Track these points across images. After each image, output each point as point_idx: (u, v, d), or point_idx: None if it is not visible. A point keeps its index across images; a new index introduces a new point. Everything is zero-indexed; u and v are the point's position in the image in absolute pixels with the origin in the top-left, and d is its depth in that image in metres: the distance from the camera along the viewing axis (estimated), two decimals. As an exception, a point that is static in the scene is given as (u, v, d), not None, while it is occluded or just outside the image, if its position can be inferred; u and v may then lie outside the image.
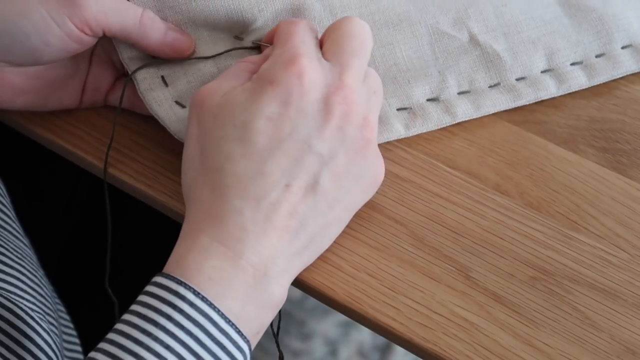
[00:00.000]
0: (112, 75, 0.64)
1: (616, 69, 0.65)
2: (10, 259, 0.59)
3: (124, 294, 0.61)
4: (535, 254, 0.58)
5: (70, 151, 0.64)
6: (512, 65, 0.64)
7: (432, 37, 0.64)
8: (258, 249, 0.53)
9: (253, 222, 0.53)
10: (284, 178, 0.53)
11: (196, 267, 0.52)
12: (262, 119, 0.53)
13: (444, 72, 0.64)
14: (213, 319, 0.51)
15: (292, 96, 0.54)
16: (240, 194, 0.53)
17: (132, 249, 0.83)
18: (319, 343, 1.30)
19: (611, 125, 0.64)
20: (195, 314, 0.50)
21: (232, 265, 0.52)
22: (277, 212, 0.53)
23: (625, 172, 0.62)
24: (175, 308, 0.50)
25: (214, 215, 0.53)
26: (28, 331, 0.55)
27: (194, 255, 0.52)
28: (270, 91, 0.54)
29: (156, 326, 0.50)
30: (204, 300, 0.51)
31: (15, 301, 0.56)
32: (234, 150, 0.53)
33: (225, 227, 0.53)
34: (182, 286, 0.51)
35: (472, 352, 0.54)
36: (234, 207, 0.53)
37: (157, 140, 0.63)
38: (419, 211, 0.60)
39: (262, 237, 0.53)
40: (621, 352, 0.54)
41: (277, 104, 0.54)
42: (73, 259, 0.82)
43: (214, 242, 0.52)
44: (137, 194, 0.62)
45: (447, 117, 0.63)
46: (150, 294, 0.51)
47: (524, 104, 0.64)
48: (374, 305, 0.56)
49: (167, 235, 0.82)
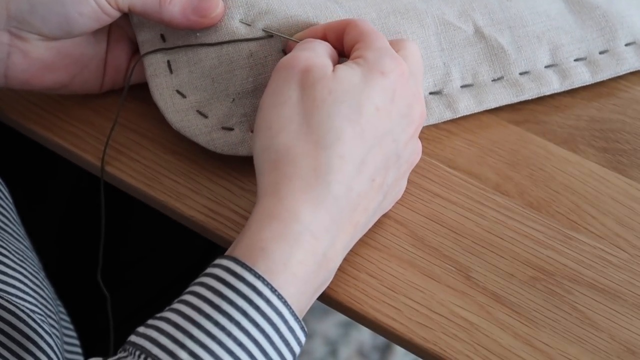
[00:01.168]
0: (130, 51, 0.64)
1: (619, 66, 0.65)
2: (12, 261, 0.59)
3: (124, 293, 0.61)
4: (535, 254, 0.58)
5: (69, 150, 0.64)
6: (517, 59, 0.64)
7: (438, 27, 0.64)
8: (335, 244, 0.53)
9: (341, 213, 0.52)
10: (374, 173, 0.54)
11: (282, 260, 0.50)
12: (372, 107, 0.54)
13: (448, 64, 0.64)
14: (285, 317, 0.49)
15: (397, 93, 0.55)
16: (341, 179, 0.52)
17: (134, 249, 0.83)
18: (319, 343, 1.30)
19: (611, 125, 0.64)
20: (270, 312, 0.49)
21: (315, 261, 0.51)
22: (359, 206, 0.53)
23: (625, 172, 0.62)
24: (252, 304, 0.48)
25: (313, 196, 0.52)
26: (30, 333, 0.55)
27: (283, 245, 0.50)
28: (381, 81, 0.54)
29: (231, 321, 0.48)
30: (280, 298, 0.49)
31: (17, 303, 0.56)
32: (345, 129, 0.53)
33: (320, 213, 0.52)
34: (260, 280, 0.49)
35: (472, 352, 0.54)
36: (333, 192, 0.52)
37: (157, 140, 0.63)
38: (419, 211, 0.60)
39: (342, 231, 0.53)
40: (621, 352, 0.54)
41: (385, 97, 0.54)
42: (74, 261, 0.82)
43: (306, 232, 0.51)
44: (137, 193, 0.62)
45: (448, 112, 0.63)
46: (222, 280, 0.49)
47: (526, 99, 0.64)
48: (374, 305, 0.56)
49: (167, 235, 0.82)
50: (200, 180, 0.62)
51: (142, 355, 0.48)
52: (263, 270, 0.49)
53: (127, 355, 0.48)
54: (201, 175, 0.62)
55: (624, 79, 0.66)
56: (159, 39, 0.62)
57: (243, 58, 0.61)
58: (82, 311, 0.76)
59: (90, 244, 0.77)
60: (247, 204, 0.61)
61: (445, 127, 0.64)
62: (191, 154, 0.63)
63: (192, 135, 0.61)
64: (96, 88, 0.64)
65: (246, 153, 0.61)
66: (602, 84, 0.66)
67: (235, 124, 0.61)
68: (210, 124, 0.61)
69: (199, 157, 0.63)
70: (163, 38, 0.62)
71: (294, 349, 0.50)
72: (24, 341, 0.55)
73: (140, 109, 0.64)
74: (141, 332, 0.49)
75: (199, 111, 0.61)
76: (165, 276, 0.81)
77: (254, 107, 0.61)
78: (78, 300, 0.77)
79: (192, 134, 0.61)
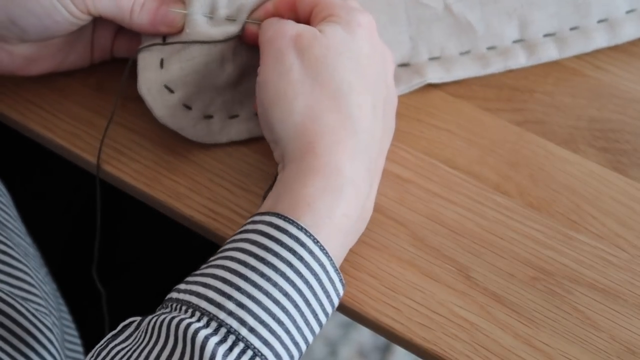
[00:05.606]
0: (114, 29, 0.65)
1: (587, 45, 0.66)
2: (14, 257, 0.59)
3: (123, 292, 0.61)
4: (535, 254, 0.58)
5: (68, 150, 0.64)
6: (484, 35, 0.65)
7: (407, 4, 0.65)
8: (370, 193, 0.55)
9: (370, 161, 0.55)
10: (382, 115, 0.56)
11: (328, 214, 0.52)
12: (364, 56, 0.56)
13: (415, 39, 0.65)
14: (327, 268, 0.51)
15: (374, 40, 0.58)
16: (365, 126, 0.55)
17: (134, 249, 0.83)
18: (319, 343, 1.30)
19: (611, 125, 0.64)
20: (314, 263, 0.50)
21: (356, 213, 0.53)
22: (382, 151, 0.57)
23: (626, 172, 0.62)
24: (296, 255, 0.50)
25: (349, 148, 0.54)
26: (31, 328, 0.55)
27: (328, 199, 0.52)
28: (361, 32, 0.57)
29: (276, 272, 0.49)
30: (322, 250, 0.51)
31: (18, 299, 0.56)
32: (354, 80, 0.55)
33: (356, 163, 0.53)
34: (303, 232, 0.50)
35: (472, 352, 0.54)
36: (362, 141, 0.54)
37: (157, 140, 0.63)
38: (419, 211, 0.60)
39: (374, 180, 0.56)
40: (621, 352, 0.54)
41: (369, 44, 0.57)
42: (74, 258, 0.82)
43: (349, 184, 0.53)
44: (136, 193, 0.62)
45: (416, 77, 0.65)
46: (266, 235, 0.51)
47: (493, 72, 0.65)
48: (374, 305, 0.56)
49: (167, 235, 0.82)
50: (200, 180, 0.62)
51: (189, 310, 0.49)
52: (309, 224, 0.51)
53: (169, 310, 0.50)
54: (201, 175, 0.62)
55: (624, 79, 0.66)
56: (160, 39, 0.62)
57: (234, 54, 0.61)
58: (84, 309, 0.76)
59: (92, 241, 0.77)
60: (247, 204, 0.61)
61: (445, 127, 0.64)
62: (191, 154, 0.63)
63: (180, 129, 0.62)
64: (87, 64, 0.66)
65: (226, 139, 0.62)
66: (602, 83, 0.66)
67: (214, 112, 0.62)
68: (195, 115, 0.61)
69: (199, 157, 0.63)
70: (164, 39, 0.62)
71: (334, 300, 0.52)
72: (25, 336, 0.55)
73: (140, 109, 0.64)
74: (183, 288, 0.50)
75: (184, 104, 0.61)
76: (165, 275, 0.81)
77: (234, 95, 0.62)
78: (79, 298, 0.77)
79: (179, 127, 0.62)
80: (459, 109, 0.65)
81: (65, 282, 0.76)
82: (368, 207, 0.56)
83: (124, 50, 0.66)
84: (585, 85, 0.66)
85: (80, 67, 0.66)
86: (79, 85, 0.67)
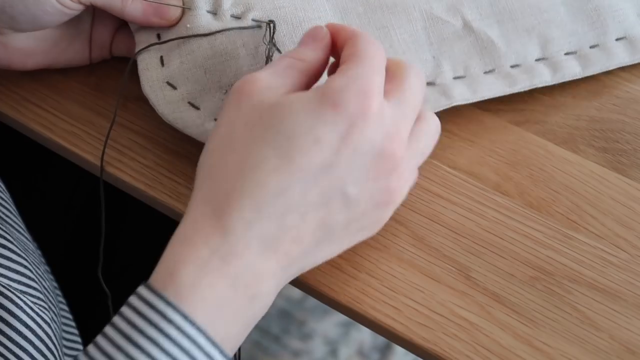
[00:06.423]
0: (114, 26, 0.65)
1: (610, 61, 0.65)
2: (14, 252, 0.59)
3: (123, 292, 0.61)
4: (535, 254, 0.58)
5: (69, 150, 0.64)
6: (507, 52, 0.64)
7: (426, 22, 0.64)
8: (255, 270, 0.50)
9: (258, 241, 0.50)
10: (304, 208, 0.50)
11: (191, 283, 0.48)
12: (311, 140, 0.50)
13: (438, 57, 0.64)
14: (199, 344, 0.48)
15: (352, 134, 0.50)
16: (256, 207, 0.50)
17: (134, 249, 0.83)
18: (319, 343, 1.30)
19: (611, 125, 0.64)
20: (183, 339, 0.48)
21: (228, 284, 0.49)
22: (285, 237, 0.50)
23: (625, 172, 0.62)
24: (162, 332, 0.48)
25: (222, 221, 0.50)
26: (29, 322, 0.56)
27: (190, 268, 0.49)
28: (330, 116, 0.50)
29: (142, 352, 0.47)
30: (193, 325, 0.48)
31: (17, 293, 0.56)
32: (269, 158, 0.50)
33: (229, 237, 0.49)
34: (170, 307, 0.48)
35: (472, 352, 0.54)
36: (244, 218, 0.50)
37: (157, 140, 0.63)
38: (419, 211, 0.60)
39: (262, 258, 0.50)
40: (621, 352, 0.54)
41: (333, 133, 0.50)
42: (75, 256, 0.82)
43: (214, 256, 0.49)
44: (137, 194, 0.62)
45: (443, 100, 0.63)
46: (135, 309, 0.49)
47: (519, 90, 0.64)
48: (374, 305, 0.56)
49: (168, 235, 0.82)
50: (200, 180, 0.62)
51: None
52: (172, 295, 0.48)
53: None
54: (201, 175, 0.62)
55: (623, 79, 0.66)
56: (154, 38, 0.62)
57: (236, 49, 0.61)
58: (83, 307, 0.76)
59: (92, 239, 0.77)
60: (247, 204, 0.60)
61: (445, 127, 0.64)
62: (191, 154, 0.63)
63: (184, 127, 0.61)
64: (84, 63, 0.66)
65: None
66: (602, 83, 0.66)
67: None
68: (203, 115, 0.61)
69: (199, 157, 0.63)
70: (159, 37, 0.62)
71: None
72: (22, 329, 0.55)
73: (140, 109, 0.64)
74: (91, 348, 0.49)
75: (190, 103, 0.61)
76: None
77: None
78: (79, 295, 0.77)
79: (184, 125, 0.61)
80: (459, 109, 0.65)
81: (67, 281, 0.76)
82: (251, 283, 0.50)
83: (123, 48, 0.65)
84: (585, 85, 0.66)
85: (78, 64, 0.65)
86: (79, 85, 0.67)
